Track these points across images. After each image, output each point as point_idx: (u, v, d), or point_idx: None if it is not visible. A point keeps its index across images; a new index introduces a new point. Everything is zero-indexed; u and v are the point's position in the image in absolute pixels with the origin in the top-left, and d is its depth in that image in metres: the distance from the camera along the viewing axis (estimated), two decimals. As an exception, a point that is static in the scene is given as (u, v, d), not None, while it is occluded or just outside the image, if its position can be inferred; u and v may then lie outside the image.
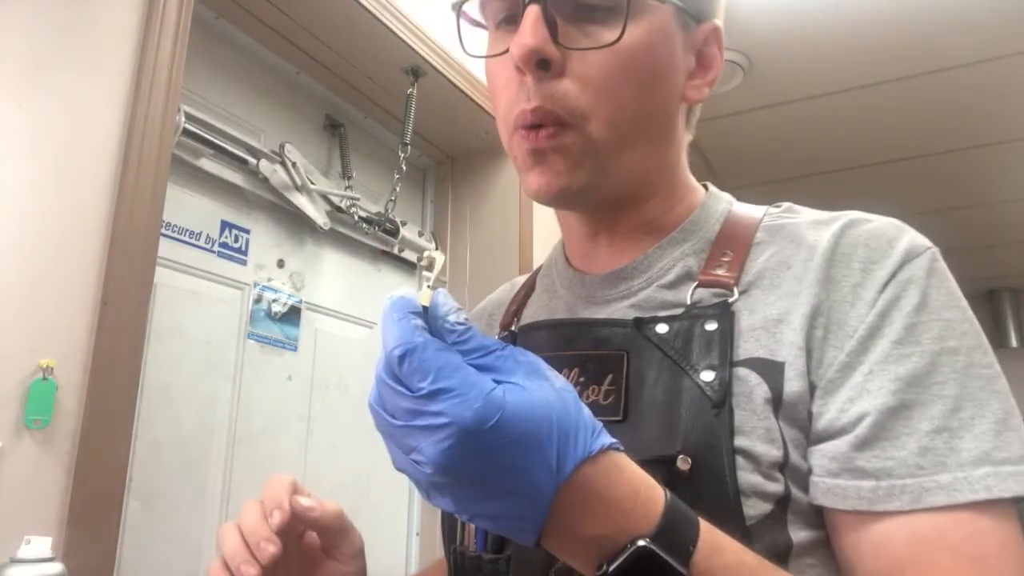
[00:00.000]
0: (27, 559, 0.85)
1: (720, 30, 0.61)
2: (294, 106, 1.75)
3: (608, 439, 0.40)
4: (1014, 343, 4.86)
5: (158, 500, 1.33)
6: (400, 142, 1.82)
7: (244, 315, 1.56)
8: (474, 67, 1.85)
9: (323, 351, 1.76)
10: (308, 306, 1.73)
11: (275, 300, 1.63)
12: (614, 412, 0.53)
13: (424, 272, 0.45)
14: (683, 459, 0.48)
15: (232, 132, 1.50)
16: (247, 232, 1.60)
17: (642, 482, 0.41)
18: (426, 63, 1.73)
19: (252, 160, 1.55)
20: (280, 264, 1.68)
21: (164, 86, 1.13)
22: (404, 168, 1.84)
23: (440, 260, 0.46)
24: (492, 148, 2.06)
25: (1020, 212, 3.59)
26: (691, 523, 0.41)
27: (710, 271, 0.57)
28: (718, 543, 0.41)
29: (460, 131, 2.02)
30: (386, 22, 1.59)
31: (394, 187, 1.86)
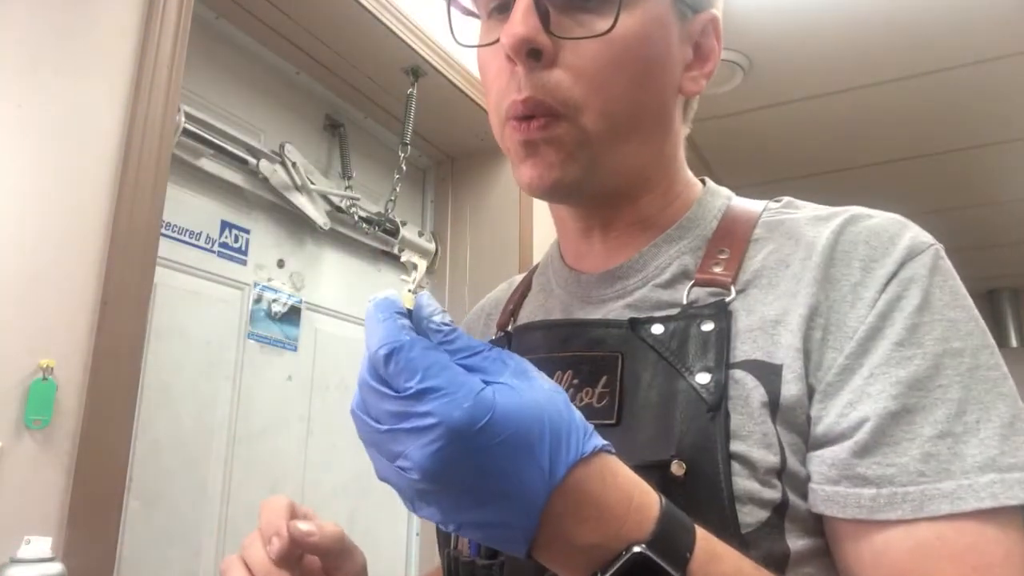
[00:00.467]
0: (27, 559, 0.86)
1: (718, 20, 0.59)
2: (294, 106, 1.75)
3: (600, 441, 0.39)
4: (1014, 343, 4.86)
5: (158, 500, 1.33)
6: (400, 142, 1.82)
7: (244, 315, 1.56)
8: (474, 67, 1.85)
9: (323, 351, 1.76)
10: (308, 306, 1.73)
11: (275, 300, 1.63)
12: (607, 415, 0.51)
13: (402, 277, 0.44)
14: (677, 464, 0.46)
15: (232, 132, 1.50)
16: (247, 232, 1.60)
17: (635, 486, 0.40)
18: (426, 63, 1.73)
19: (252, 160, 1.55)
20: (280, 264, 1.68)
21: (164, 86, 1.13)
22: (404, 168, 1.84)
23: (423, 267, 0.45)
24: (492, 148, 2.06)
25: (1020, 212, 3.59)
26: (687, 530, 0.40)
27: (707, 270, 0.55)
28: (715, 551, 0.40)
29: (460, 131, 2.02)
30: (386, 22, 1.59)
31: (394, 187, 1.86)
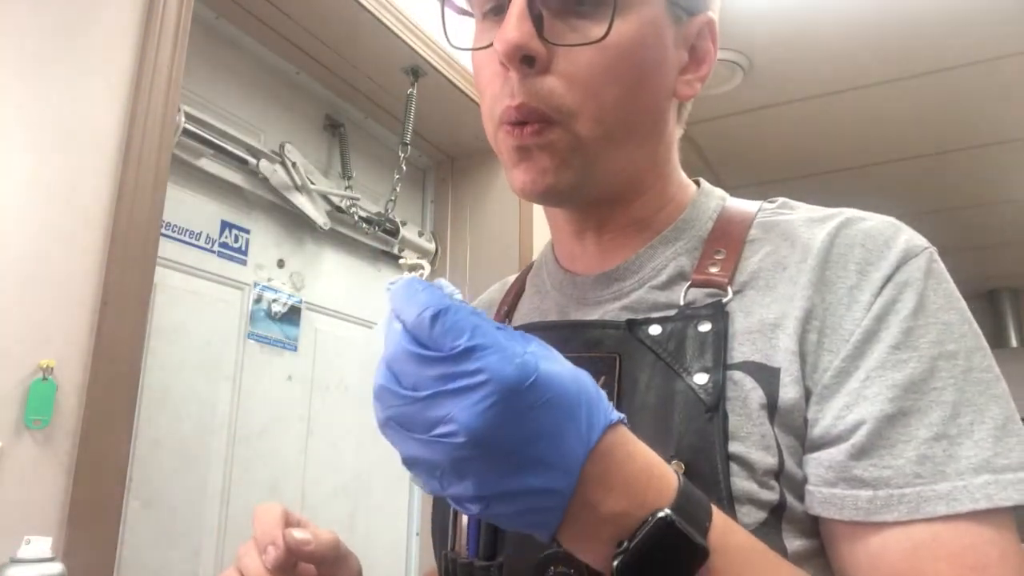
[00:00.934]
0: (27, 559, 0.85)
1: (714, 23, 0.59)
2: (294, 106, 1.75)
3: (619, 413, 0.39)
4: (1014, 343, 4.86)
5: (158, 500, 1.33)
6: (400, 142, 1.82)
7: (244, 315, 1.56)
8: (474, 67, 1.85)
9: (323, 351, 1.76)
10: (308, 306, 1.73)
11: (275, 300, 1.63)
12: None
13: (407, 262, 0.44)
14: (676, 464, 0.47)
15: (232, 132, 1.50)
16: (247, 232, 1.60)
17: (653, 457, 0.40)
18: (426, 63, 1.73)
19: (252, 160, 1.55)
20: (280, 264, 1.68)
21: (164, 86, 1.13)
22: (404, 168, 1.84)
23: (428, 270, 0.45)
24: (492, 148, 2.05)
25: (1020, 212, 3.59)
26: (703, 501, 0.41)
27: (703, 270, 0.55)
28: (728, 523, 0.41)
29: (460, 131, 2.02)
30: (386, 22, 1.59)
31: (394, 187, 1.86)
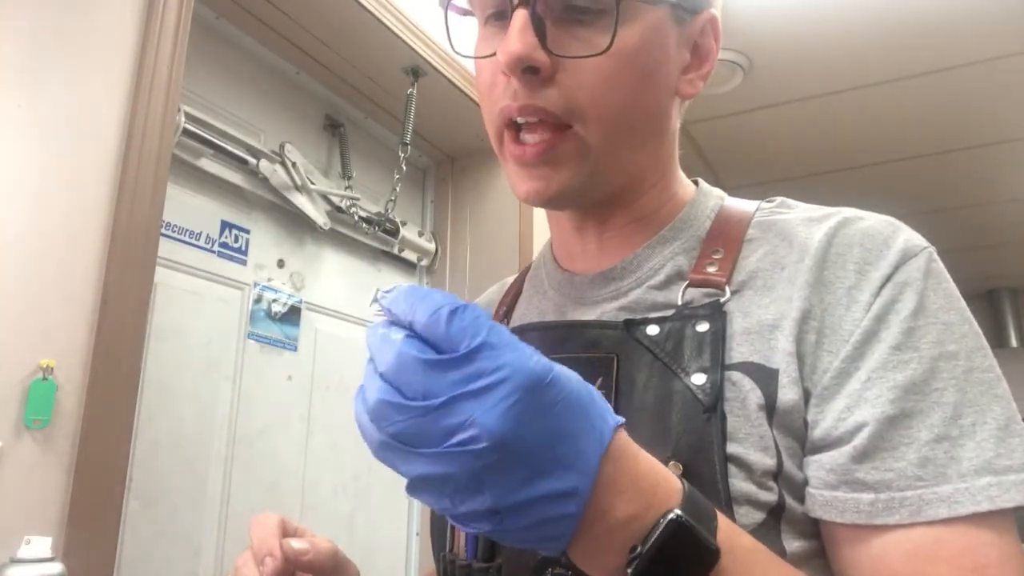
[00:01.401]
0: (27, 559, 0.86)
1: (717, 20, 0.58)
2: (294, 106, 1.75)
3: (618, 416, 0.39)
4: (1014, 343, 4.85)
5: (158, 500, 1.33)
6: (400, 142, 1.82)
7: (244, 315, 1.56)
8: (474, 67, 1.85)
9: (323, 351, 1.76)
10: (308, 306, 1.73)
11: (275, 300, 1.63)
12: None
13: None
14: (674, 465, 0.46)
15: (232, 132, 1.50)
16: (247, 232, 1.60)
17: (655, 460, 0.40)
18: (426, 63, 1.73)
19: (252, 160, 1.55)
20: (280, 264, 1.68)
21: (164, 86, 1.13)
22: (404, 168, 1.84)
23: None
24: (492, 148, 2.06)
25: (1020, 212, 3.58)
26: (707, 504, 0.40)
27: (701, 270, 0.55)
28: (731, 524, 0.41)
29: (460, 131, 2.02)
30: (386, 22, 1.59)
31: (394, 187, 1.86)
